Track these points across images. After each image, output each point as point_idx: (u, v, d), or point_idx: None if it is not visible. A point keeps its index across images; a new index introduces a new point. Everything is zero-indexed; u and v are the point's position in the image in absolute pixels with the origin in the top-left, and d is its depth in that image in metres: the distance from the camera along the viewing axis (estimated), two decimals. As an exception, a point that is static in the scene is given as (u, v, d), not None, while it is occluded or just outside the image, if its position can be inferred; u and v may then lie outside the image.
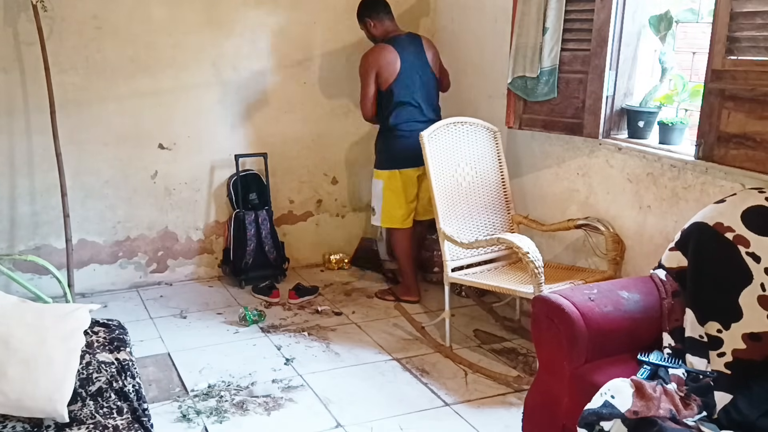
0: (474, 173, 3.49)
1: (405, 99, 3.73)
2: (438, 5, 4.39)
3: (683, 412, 2.00)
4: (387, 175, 3.85)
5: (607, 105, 3.14)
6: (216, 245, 4.28)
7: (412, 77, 3.74)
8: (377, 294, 4.06)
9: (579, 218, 3.30)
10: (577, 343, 2.23)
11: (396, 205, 3.86)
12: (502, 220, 3.56)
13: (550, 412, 2.31)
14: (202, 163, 4.14)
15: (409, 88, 3.74)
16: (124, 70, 3.85)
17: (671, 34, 3.01)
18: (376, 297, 4.04)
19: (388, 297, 4.01)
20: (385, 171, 3.86)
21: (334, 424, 2.78)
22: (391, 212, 3.88)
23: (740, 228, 2.26)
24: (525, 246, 2.93)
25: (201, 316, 3.75)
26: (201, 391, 2.98)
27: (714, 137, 2.58)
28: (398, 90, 3.72)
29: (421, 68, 3.78)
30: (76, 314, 2.16)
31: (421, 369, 3.21)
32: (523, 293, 3.02)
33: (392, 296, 3.99)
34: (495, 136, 3.57)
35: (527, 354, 3.34)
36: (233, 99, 4.13)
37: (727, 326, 2.21)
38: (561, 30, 3.20)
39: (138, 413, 2.01)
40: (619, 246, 3.13)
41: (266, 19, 4.10)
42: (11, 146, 3.72)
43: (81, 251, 3.93)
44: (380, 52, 3.73)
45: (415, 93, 3.76)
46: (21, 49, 3.63)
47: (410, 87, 3.74)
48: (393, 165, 3.83)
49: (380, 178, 3.88)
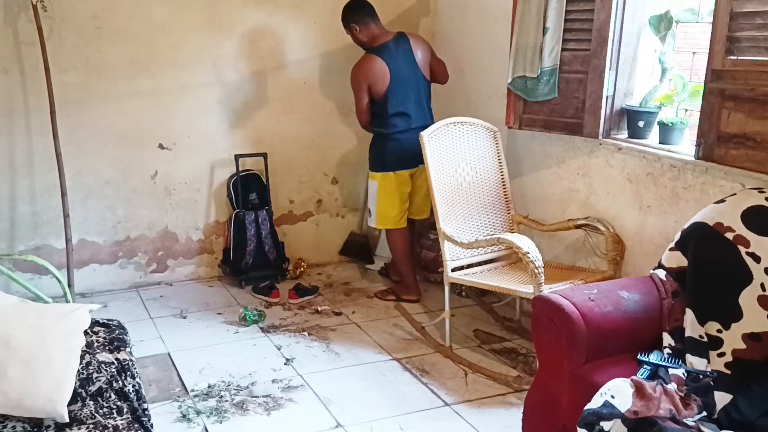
0: (474, 173, 3.49)
1: (397, 109, 3.74)
2: (438, 5, 4.39)
3: (683, 412, 2.00)
4: (381, 177, 3.87)
5: (607, 105, 3.14)
6: (216, 245, 4.28)
7: (403, 86, 3.74)
8: (377, 294, 4.06)
9: (579, 218, 3.29)
10: (577, 343, 2.23)
11: (390, 206, 3.88)
12: (502, 220, 3.55)
13: (550, 412, 2.31)
14: (202, 163, 4.14)
15: (399, 98, 3.74)
16: (124, 70, 3.85)
17: (671, 34, 3.02)
18: (376, 297, 4.03)
19: (388, 297, 4.00)
20: (379, 173, 3.88)
21: (334, 424, 2.78)
22: (385, 213, 3.90)
23: (740, 228, 2.26)
24: (525, 246, 2.93)
25: (201, 316, 3.75)
26: (201, 391, 2.98)
27: (714, 137, 2.58)
28: (390, 100, 3.73)
29: (411, 75, 3.76)
30: (76, 314, 2.17)
31: (421, 369, 3.21)
32: (523, 293, 3.02)
33: (393, 296, 3.99)
34: (495, 136, 3.56)
35: (527, 354, 3.34)
36: (233, 99, 4.13)
37: (727, 326, 2.21)
38: (561, 30, 3.20)
39: (138, 413, 2.01)
40: (619, 246, 3.12)
41: (266, 19, 4.10)
42: (11, 146, 3.72)
43: (81, 251, 3.93)
44: (369, 65, 3.71)
45: (407, 101, 3.76)
46: (21, 49, 3.63)
47: (400, 96, 3.74)
48: (386, 168, 3.84)
49: (375, 179, 3.90)
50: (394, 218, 3.91)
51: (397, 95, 3.74)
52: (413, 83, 3.78)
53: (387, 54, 3.72)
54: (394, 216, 3.90)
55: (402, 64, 3.74)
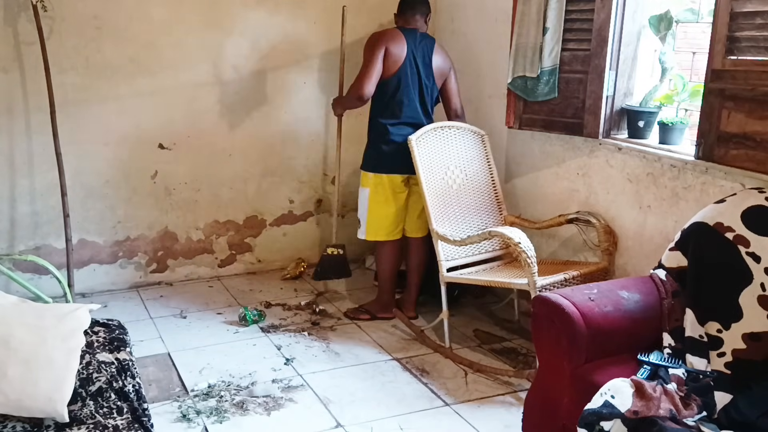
0: (464, 176, 3.52)
1: (403, 96, 3.54)
2: (438, 5, 4.39)
3: (683, 412, 2.00)
4: (373, 182, 3.61)
5: (607, 105, 3.14)
6: (216, 245, 4.28)
7: (413, 77, 3.55)
8: (348, 313, 3.76)
9: (570, 213, 3.31)
10: (577, 343, 2.23)
11: (383, 216, 3.62)
12: (495, 221, 3.57)
13: (550, 412, 2.31)
14: (202, 163, 4.14)
15: (408, 86, 3.54)
16: (124, 70, 3.85)
17: (671, 34, 3.02)
18: (346, 317, 3.74)
19: (362, 316, 3.72)
20: (371, 174, 3.62)
21: (334, 424, 2.78)
22: (377, 223, 3.64)
23: (740, 228, 2.26)
24: (516, 237, 2.94)
25: (201, 316, 3.74)
26: (201, 391, 2.98)
27: (714, 137, 2.58)
28: (400, 82, 3.52)
29: (423, 72, 3.57)
30: (76, 314, 2.16)
31: (421, 369, 3.21)
32: (517, 285, 3.05)
33: (367, 314, 3.73)
34: (483, 139, 3.59)
35: (527, 354, 3.34)
36: (233, 99, 4.13)
37: (727, 326, 2.21)
38: (561, 30, 3.20)
39: (138, 413, 2.01)
40: (612, 237, 3.15)
41: (266, 19, 4.10)
42: (11, 146, 3.72)
43: (81, 251, 3.93)
44: (390, 33, 3.56)
45: (413, 94, 3.57)
46: (21, 49, 3.63)
47: (409, 85, 3.55)
48: (380, 168, 3.60)
49: (366, 185, 3.65)
50: (388, 228, 3.64)
51: (407, 83, 3.53)
52: (423, 80, 3.58)
53: (410, 37, 3.56)
54: (388, 226, 3.64)
55: (419, 56, 3.56)
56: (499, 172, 3.71)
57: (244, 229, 4.34)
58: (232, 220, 4.29)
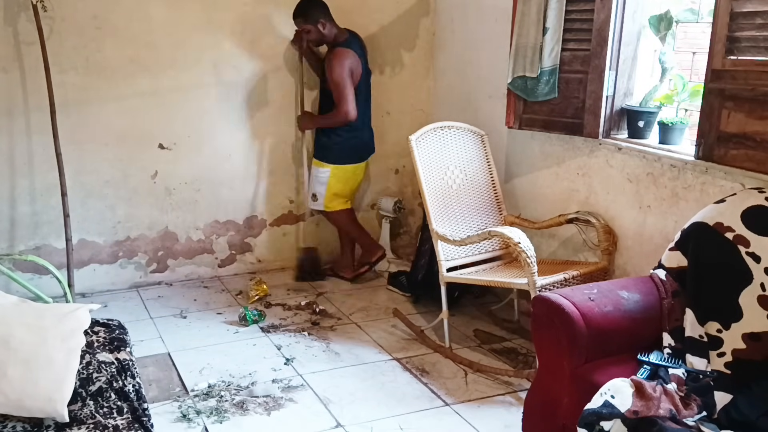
0: (464, 176, 3.52)
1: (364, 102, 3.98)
2: (438, 5, 4.39)
3: (683, 412, 2.00)
4: (334, 166, 4.05)
5: (607, 105, 3.14)
6: (216, 245, 4.28)
7: (366, 81, 3.99)
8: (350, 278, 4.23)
9: (569, 213, 3.31)
10: (577, 343, 2.23)
11: (342, 191, 4.12)
12: (494, 221, 3.57)
13: (550, 412, 2.31)
14: (202, 163, 4.14)
15: (365, 91, 4.00)
16: (124, 70, 3.85)
17: (671, 34, 3.02)
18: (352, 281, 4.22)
19: (361, 270, 4.21)
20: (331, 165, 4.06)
21: (334, 424, 2.78)
22: (336, 196, 4.10)
23: (740, 228, 2.26)
24: (516, 236, 2.94)
25: (201, 316, 3.74)
26: (201, 391, 2.98)
27: (714, 137, 2.58)
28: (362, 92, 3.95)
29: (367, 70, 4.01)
30: (76, 314, 2.16)
31: (421, 369, 3.21)
32: (517, 285, 3.05)
33: (365, 266, 4.20)
34: (483, 139, 3.59)
35: (527, 354, 3.34)
36: (233, 99, 4.13)
37: (727, 326, 2.21)
38: (561, 30, 3.20)
39: (138, 413, 2.01)
40: (611, 236, 3.15)
41: (267, 18, 4.10)
42: (11, 146, 3.72)
43: (81, 251, 3.93)
44: (349, 56, 3.86)
45: (368, 95, 4.06)
46: (21, 49, 3.63)
47: (365, 90, 4.01)
48: (345, 160, 4.06)
49: (326, 167, 4.06)
50: (343, 200, 4.16)
51: (363, 89, 3.97)
52: (368, 79, 4.04)
53: (355, 47, 3.91)
54: (344, 198, 4.15)
55: (362, 60, 3.96)
56: (499, 172, 3.71)
57: (244, 229, 4.34)
58: (232, 220, 4.29)
